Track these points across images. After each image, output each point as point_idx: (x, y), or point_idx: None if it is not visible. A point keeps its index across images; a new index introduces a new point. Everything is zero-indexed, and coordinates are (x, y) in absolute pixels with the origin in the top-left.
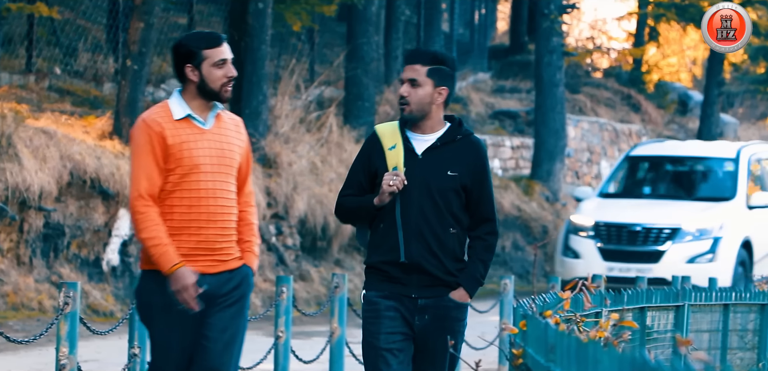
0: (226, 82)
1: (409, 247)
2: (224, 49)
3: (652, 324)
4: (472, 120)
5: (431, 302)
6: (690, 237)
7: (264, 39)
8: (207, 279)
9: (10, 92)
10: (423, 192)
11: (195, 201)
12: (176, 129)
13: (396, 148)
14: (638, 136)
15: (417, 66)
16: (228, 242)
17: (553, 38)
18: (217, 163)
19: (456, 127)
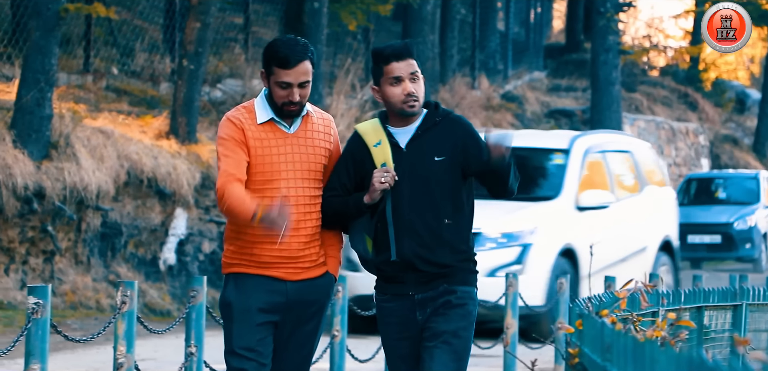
0: (287, 104)
1: (401, 245)
2: (293, 72)
3: (710, 324)
4: (527, 119)
5: (429, 295)
6: (492, 245)
7: (319, 38)
8: (288, 286)
9: (68, 92)
10: (413, 185)
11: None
12: (258, 132)
13: (381, 144)
14: (695, 134)
15: (412, 60)
16: (310, 249)
17: (610, 36)
18: (300, 168)
19: (433, 111)
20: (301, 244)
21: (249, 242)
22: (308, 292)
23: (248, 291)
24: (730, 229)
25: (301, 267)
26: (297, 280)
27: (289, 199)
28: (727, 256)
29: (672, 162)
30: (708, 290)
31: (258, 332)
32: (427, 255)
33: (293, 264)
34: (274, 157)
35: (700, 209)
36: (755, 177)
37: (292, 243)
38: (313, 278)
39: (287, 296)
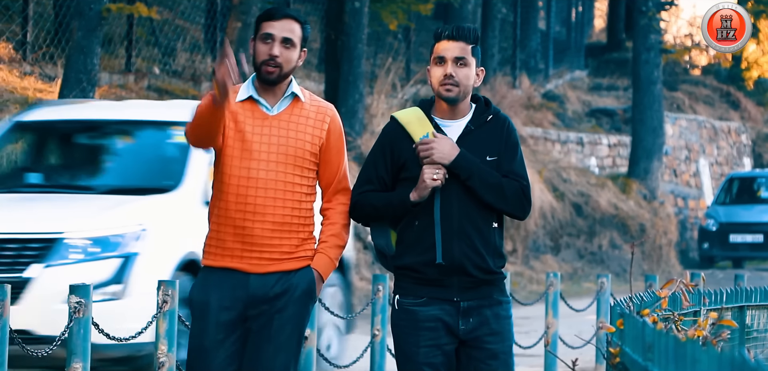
0: (268, 61)
1: (449, 247)
2: (277, 24)
3: (752, 323)
4: (568, 118)
5: (475, 303)
6: (78, 255)
7: (360, 38)
8: (252, 279)
9: (110, 92)
10: (464, 184)
11: (243, 190)
12: (236, 110)
13: (429, 136)
14: (737, 133)
15: (463, 43)
16: (282, 240)
17: (651, 35)
18: (276, 151)
19: (483, 107)
20: (266, 231)
21: (215, 224)
22: (276, 286)
23: (209, 286)
24: None
25: (266, 258)
26: (262, 273)
27: (258, 181)
28: None
29: (714, 161)
30: (750, 289)
31: (218, 331)
32: (478, 259)
33: (257, 254)
34: (247, 135)
35: (742, 208)
36: None
37: (255, 227)
38: (284, 271)
39: (249, 291)
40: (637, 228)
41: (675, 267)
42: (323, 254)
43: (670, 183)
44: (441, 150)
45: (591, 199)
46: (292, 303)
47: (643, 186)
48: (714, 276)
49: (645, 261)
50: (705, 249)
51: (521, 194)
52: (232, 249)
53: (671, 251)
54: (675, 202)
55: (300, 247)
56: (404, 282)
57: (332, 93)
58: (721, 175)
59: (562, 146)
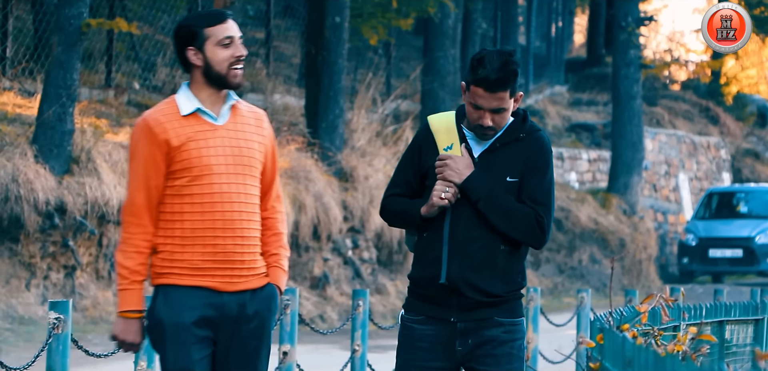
0: (234, 63)
1: (452, 266)
2: (229, 25)
3: (731, 338)
4: (549, 133)
5: (473, 325)
6: None
7: (341, 53)
8: (225, 298)
9: (90, 107)
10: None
11: (208, 206)
12: (183, 127)
13: (452, 148)
14: (717, 148)
15: (500, 93)
16: (250, 254)
17: (631, 50)
18: (232, 162)
19: (519, 124)
20: (236, 246)
21: (178, 245)
22: (248, 306)
23: (179, 304)
24: (752, 243)
25: (239, 275)
26: (235, 291)
27: (222, 195)
28: (748, 270)
29: (693, 176)
30: (729, 304)
31: (196, 351)
32: (476, 281)
33: (229, 271)
34: (203, 149)
35: (721, 223)
36: None
37: (226, 244)
38: (253, 289)
39: (223, 310)
40: (616, 243)
41: (655, 282)
42: (278, 268)
43: (650, 198)
44: (454, 168)
45: (571, 214)
46: (261, 321)
47: (622, 201)
48: (693, 291)
49: (625, 276)
50: (684, 264)
51: (535, 223)
52: (203, 269)
53: (651, 266)
54: (655, 217)
55: (260, 262)
56: (410, 296)
57: (313, 107)
58: (701, 190)
59: None
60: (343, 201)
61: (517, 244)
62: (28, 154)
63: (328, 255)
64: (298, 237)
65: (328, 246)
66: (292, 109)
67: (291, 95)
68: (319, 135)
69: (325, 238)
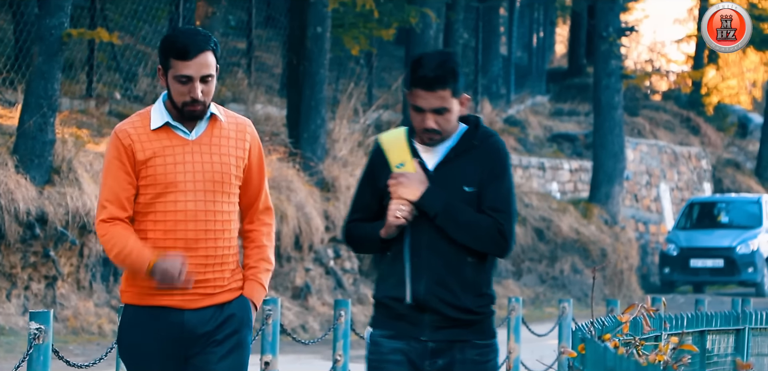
0: (189, 103)
1: (418, 284)
2: (194, 64)
3: (712, 348)
4: (530, 143)
5: (445, 345)
6: None
7: (322, 63)
8: (187, 316)
9: (71, 117)
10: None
11: (171, 225)
12: (151, 141)
13: (405, 165)
14: (698, 158)
15: (439, 92)
16: (216, 272)
17: (612, 61)
18: (202, 179)
19: (472, 131)
20: (199, 266)
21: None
22: (213, 321)
23: (141, 325)
24: (733, 253)
25: (201, 292)
26: (196, 308)
27: (187, 213)
28: (729, 280)
29: (674, 186)
30: (710, 314)
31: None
32: (449, 297)
33: (191, 290)
34: (169, 166)
35: (702, 233)
36: (758, 201)
37: (189, 264)
38: (219, 304)
39: (184, 328)
40: (598, 253)
41: (636, 292)
42: (254, 281)
43: (631, 208)
44: (407, 185)
45: (552, 224)
46: (233, 336)
47: (604, 211)
48: (675, 301)
49: (606, 286)
50: (666, 274)
51: (496, 232)
52: (164, 290)
53: (632, 276)
54: (636, 227)
55: (231, 279)
56: (377, 314)
57: (294, 118)
58: (682, 200)
59: (524, 171)
60: (325, 211)
61: (483, 255)
62: (8, 164)
63: (309, 265)
64: (280, 247)
65: (309, 256)
66: (274, 119)
67: (273, 105)
68: (300, 145)
69: (306, 248)
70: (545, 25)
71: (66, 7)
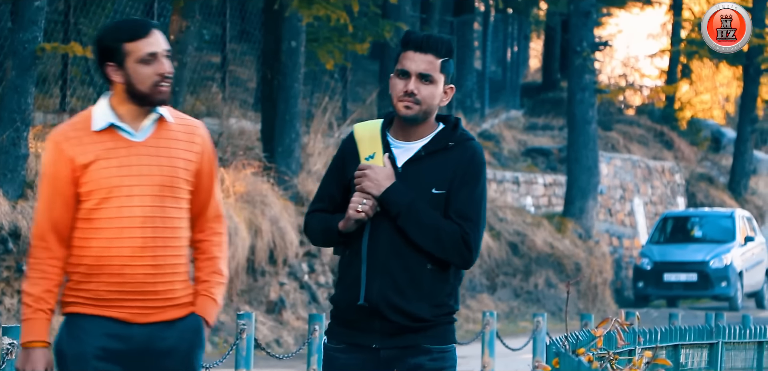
0: (159, 81)
1: (371, 286)
2: (153, 39)
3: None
4: (504, 157)
5: (397, 352)
6: None
7: (297, 77)
8: (134, 330)
9: (45, 131)
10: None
11: (117, 232)
12: (93, 143)
13: (375, 157)
14: (671, 173)
15: (430, 56)
16: (166, 283)
17: (586, 75)
18: (149, 183)
19: (449, 131)
20: (148, 275)
21: (85, 274)
22: (161, 339)
23: (83, 335)
24: (706, 267)
25: (151, 305)
26: (146, 323)
27: (133, 220)
28: (703, 294)
29: (648, 200)
30: (684, 328)
31: None
32: (401, 303)
33: (139, 302)
34: (113, 168)
35: (676, 247)
36: (731, 215)
37: (136, 273)
38: (169, 321)
39: (132, 343)
40: (572, 267)
41: (610, 306)
42: (206, 296)
43: (605, 222)
44: (373, 178)
45: (527, 238)
46: (181, 358)
47: (578, 225)
48: (649, 315)
49: (580, 300)
50: (640, 288)
51: (460, 241)
52: (110, 300)
53: (606, 290)
54: (610, 241)
55: (182, 292)
56: (332, 321)
57: (269, 132)
58: (656, 214)
59: (498, 185)
60: (300, 226)
61: (445, 264)
62: None
63: (284, 279)
64: (254, 262)
65: (284, 270)
66: (248, 133)
67: (247, 119)
68: (275, 159)
69: (281, 263)
70: (519, 39)
71: (39, 21)
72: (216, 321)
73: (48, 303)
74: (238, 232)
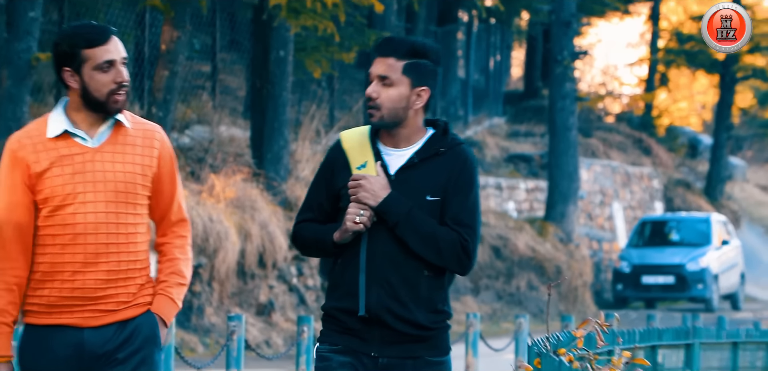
0: (115, 89)
1: (371, 296)
2: (111, 46)
3: (664, 362)
4: (487, 163)
5: (396, 361)
6: None
7: (285, 86)
8: (87, 334)
9: None
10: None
11: (70, 239)
12: (47, 150)
13: (367, 166)
14: (649, 178)
15: (390, 59)
16: (119, 288)
17: (566, 84)
18: (104, 189)
19: (439, 137)
20: (100, 282)
21: (39, 281)
22: (112, 339)
23: (38, 346)
24: (683, 270)
25: (102, 309)
26: (97, 326)
27: (86, 226)
28: (680, 296)
29: (627, 205)
30: (662, 329)
31: None
32: (401, 311)
33: (90, 307)
34: (67, 175)
35: (654, 250)
36: (707, 220)
37: (87, 279)
38: (121, 321)
39: (83, 347)
40: (553, 270)
41: (590, 308)
42: (164, 295)
43: (585, 226)
44: (369, 189)
45: (509, 242)
46: (133, 354)
47: (559, 229)
48: (627, 317)
49: (561, 302)
50: (619, 291)
51: (459, 248)
52: (61, 307)
53: (586, 292)
54: (590, 245)
55: (138, 294)
56: (325, 327)
57: (258, 139)
58: (634, 219)
59: (482, 190)
60: (288, 230)
61: (441, 270)
62: None
63: (273, 282)
64: (244, 265)
65: (273, 273)
66: (238, 140)
67: (237, 127)
68: (264, 165)
69: (270, 266)
70: (502, 49)
71: (34, 31)
72: (207, 325)
73: (11, 315)
74: (229, 237)
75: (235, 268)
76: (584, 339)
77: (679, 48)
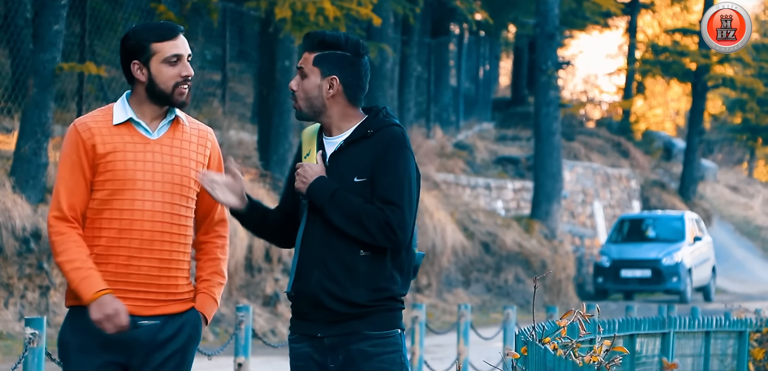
0: (181, 82)
1: (308, 277)
2: (179, 42)
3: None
4: (477, 165)
5: (340, 339)
6: None
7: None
8: (138, 323)
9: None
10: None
11: (127, 224)
12: (111, 135)
13: (310, 155)
14: (627, 179)
15: (305, 53)
16: (170, 278)
17: (550, 91)
18: (161, 179)
19: (369, 120)
20: (153, 269)
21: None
22: (161, 331)
23: (87, 327)
24: (659, 264)
25: (153, 299)
26: (148, 316)
27: (143, 213)
28: (656, 289)
29: (607, 204)
30: (639, 319)
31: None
32: (337, 291)
33: (143, 294)
34: (129, 163)
35: (631, 246)
36: (681, 217)
37: (142, 265)
38: (170, 314)
39: (133, 335)
40: (539, 265)
41: (573, 300)
42: (207, 295)
43: (568, 223)
44: (302, 176)
45: (498, 238)
46: (180, 350)
47: (544, 226)
48: (607, 308)
49: (546, 294)
50: (599, 283)
51: (383, 224)
52: (114, 292)
53: (569, 285)
54: (573, 241)
55: (184, 287)
56: (291, 317)
57: (265, 142)
58: (614, 217)
59: (472, 190)
60: None
61: (380, 249)
62: (6, 185)
63: (278, 275)
64: (252, 259)
65: (278, 267)
66: (246, 143)
67: (245, 131)
68: (270, 167)
69: (276, 260)
70: (491, 59)
71: (58, 43)
72: (216, 315)
73: (93, 263)
74: (238, 233)
75: (244, 262)
76: (567, 329)
77: (655, 59)
